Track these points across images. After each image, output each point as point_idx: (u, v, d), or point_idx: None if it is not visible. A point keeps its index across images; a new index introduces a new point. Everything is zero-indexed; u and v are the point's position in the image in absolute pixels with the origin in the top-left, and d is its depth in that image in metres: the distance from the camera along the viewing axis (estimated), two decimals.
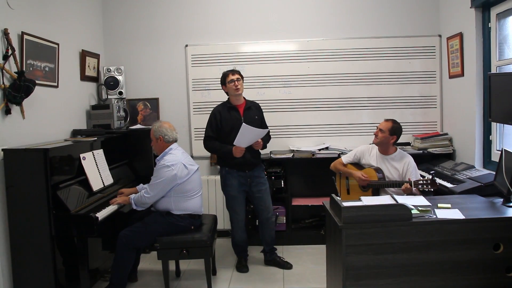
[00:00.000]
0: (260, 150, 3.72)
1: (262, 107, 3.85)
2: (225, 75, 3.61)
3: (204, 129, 3.70)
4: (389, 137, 3.37)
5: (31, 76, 3.19)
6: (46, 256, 2.87)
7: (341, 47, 4.51)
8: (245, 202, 3.77)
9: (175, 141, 3.35)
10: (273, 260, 3.84)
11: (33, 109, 3.28)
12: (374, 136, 3.45)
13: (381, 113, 4.43)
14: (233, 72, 3.61)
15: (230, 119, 3.59)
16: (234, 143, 3.45)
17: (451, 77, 4.22)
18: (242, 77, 3.64)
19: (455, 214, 2.47)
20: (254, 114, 3.67)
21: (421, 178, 3.05)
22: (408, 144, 4.39)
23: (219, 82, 3.40)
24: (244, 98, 3.71)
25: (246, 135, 3.42)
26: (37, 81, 3.19)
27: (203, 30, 4.61)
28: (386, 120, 3.43)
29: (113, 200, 3.24)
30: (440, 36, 4.42)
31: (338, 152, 4.24)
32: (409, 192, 3.09)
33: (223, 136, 3.59)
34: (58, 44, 3.61)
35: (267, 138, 3.71)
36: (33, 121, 3.28)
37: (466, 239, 2.38)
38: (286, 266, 3.79)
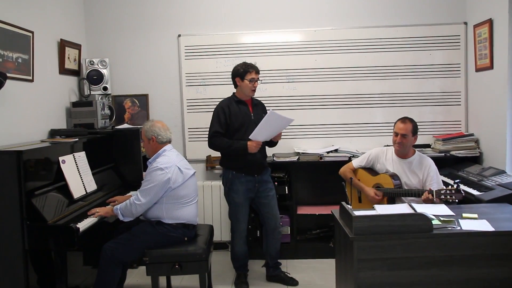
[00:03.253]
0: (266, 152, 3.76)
1: (264, 105, 3.86)
2: (246, 71, 3.57)
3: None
4: (413, 138, 3.37)
5: (1, 68, 3.16)
6: (17, 273, 2.82)
7: (352, 38, 4.49)
8: (254, 212, 3.78)
9: (169, 142, 3.36)
10: (277, 276, 3.83)
11: (4, 106, 3.25)
12: (396, 145, 3.38)
13: (397, 112, 4.38)
14: (257, 71, 3.60)
15: (240, 114, 3.60)
16: (251, 137, 3.46)
17: (478, 70, 4.19)
18: None
19: (483, 225, 2.44)
20: (261, 111, 3.71)
21: (444, 188, 3.02)
22: (428, 146, 4.38)
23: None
24: None
25: (269, 125, 3.42)
26: (8, 74, 3.16)
27: (198, 19, 4.60)
28: (403, 122, 3.37)
29: (92, 211, 3.18)
30: (465, 23, 4.39)
31: (349, 155, 4.23)
32: (430, 203, 3.05)
33: (230, 132, 3.59)
34: (32, 33, 3.58)
35: None
36: (4, 119, 3.25)
37: (496, 254, 2.35)
38: (292, 282, 3.78)
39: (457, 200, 2.95)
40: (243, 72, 3.56)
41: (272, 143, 3.71)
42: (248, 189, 3.64)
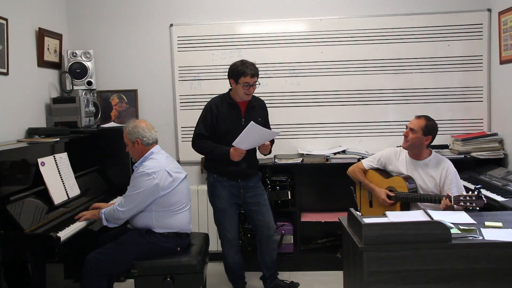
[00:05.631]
0: (257, 159, 3.76)
1: (264, 102, 3.83)
2: (240, 73, 3.48)
3: (195, 126, 3.65)
4: (423, 137, 3.32)
5: None
6: None
7: (362, 28, 4.48)
8: (238, 217, 3.78)
9: (156, 142, 3.34)
10: (276, 287, 3.83)
11: None
12: (403, 138, 3.41)
13: (411, 109, 4.39)
14: (253, 74, 3.49)
15: (229, 117, 3.57)
16: (234, 144, 3.44)
17: (502, 62, 4.17)
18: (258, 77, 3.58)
19: (508, 235, 2.43)
20: (257, 114, 3.66)
21: (464, 194, 3.00)
22: (445, 146, 4.36)
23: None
24: None
25: (251, 136, 3.41)
26: None
27: (192, 6, 4.60)
28: (418, 117, 3.40)
29: (79, 215, 3.20)
30: (489, 10, 4.37)
31: (358, 157, 4.24)
32: (449, 210, 3.03)
33: (217, 136, 3.57)
34: (6, 20, 3.56)
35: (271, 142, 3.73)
36: None
37: None
38: (293, 287, 3.83)
39: (478, 208, 2.93)
40: (237, 75, 3.49)
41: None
42: (232, 194, 3.63)
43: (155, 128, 3.39)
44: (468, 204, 2.91)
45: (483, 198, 2.90)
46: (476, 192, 2.92)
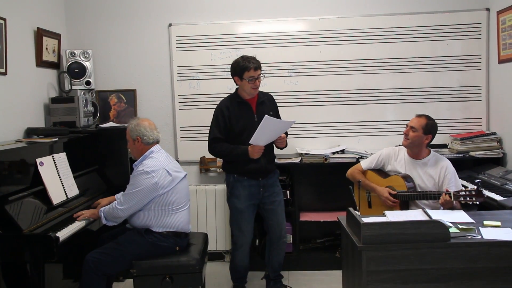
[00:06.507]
0: (274, 154, 3.75)
1: (272, 98, 3.83)
2: (243, 68, 3.47)
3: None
4: (423, 136, 3.33)
5: None
6: None
7: (361, 27, 4.48)
8: (254, 219, 3.74)
9: (157, 142, 3.35)
10: None
11: None
12: (403, 136, 3.42)
13: (410, 108, 4.41)
14: (256, 67, 3.49)
15: (241, 116, 3.57)
16: (251, 142, 3.43)
17: (501, 61, 4.17)
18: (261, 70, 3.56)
19: (507, 234, 2.42)
20: (268, 109, 3.65)
21: (463, 189, 3.01)
22: (444, 146, 4.36)
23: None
24: None
25: (267, 130, 3.39)
26: None
27: (191, 6, 4.60)
28: (418, 116, 3.40)
29: (78, 214, 3.22)
30: (488, 9, 4.36)
31: (357, 156, 4.23)
32: (448, 206, 3.05)
33: (232, 137, 3.57)
34: (5, 20, 3.56)
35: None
36: None
37: None
38: None
39: (478, 203, 2.94)
40: (241, 71, 3.48)
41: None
42: (251, 194, 3.61)
43: (158, 129, 3.38)
44: (468, 199, 2.92)
45: (483, 193, 2.91)
46: (475, 187, 2.93)
